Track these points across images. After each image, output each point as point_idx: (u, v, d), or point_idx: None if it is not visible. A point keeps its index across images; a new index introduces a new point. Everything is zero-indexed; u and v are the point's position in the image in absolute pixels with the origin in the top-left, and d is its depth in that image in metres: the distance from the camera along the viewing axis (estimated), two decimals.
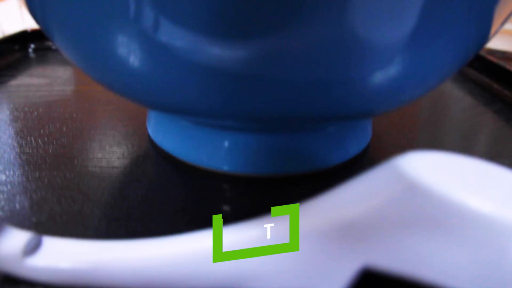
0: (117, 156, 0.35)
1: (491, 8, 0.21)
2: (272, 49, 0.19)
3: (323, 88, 0.22)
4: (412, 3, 0.18)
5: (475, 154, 0.38)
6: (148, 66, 0.21)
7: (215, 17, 0.17)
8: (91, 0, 0.18)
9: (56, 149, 0.36)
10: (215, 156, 0.32)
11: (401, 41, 0.20)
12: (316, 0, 0.17)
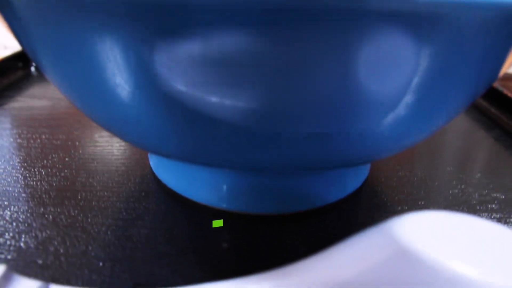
0: (120, 191, 0.36)
1: (502, 58, 0.21)
2: (271, 108, 0.20)
3: (327, 142, 0.23)
4: (420, 61, 0.18)
5: (472, 186, 0.39)
6: (147, 117, 0.22)
7: (214, 80, 0.18)
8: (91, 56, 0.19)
9: (59, 181, 0.37)
10: (216, 194, 0.33)
11: (406, 97, 0.20)
12: (320, 59, 0.17)
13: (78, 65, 0.20)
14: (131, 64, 0.18)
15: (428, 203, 0.36)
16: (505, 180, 0.40)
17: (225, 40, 0.16)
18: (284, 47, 0.16)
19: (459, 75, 0.20)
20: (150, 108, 0.21)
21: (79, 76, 0.21)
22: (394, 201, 0.36)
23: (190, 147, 0.23)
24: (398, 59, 0.17)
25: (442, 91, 0.21)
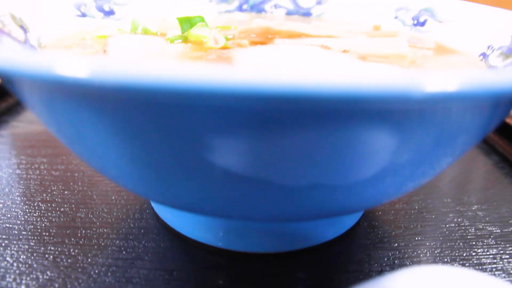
0: (120, 227, 0.37)
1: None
2: (273, 176, 0.21)
3: (326, 203, 0.24)
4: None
5: (468, 219, 0.40)
6: (158, 179, 0.23)
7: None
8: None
9: (59, 217, 0.38)
10: (214, 233, 0.34)
11: (400, 164, 0.22)
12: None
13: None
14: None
15: (425, 238, 0.37)
16: (502, 211, 0.41)
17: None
18: (288, 138, 0.17)
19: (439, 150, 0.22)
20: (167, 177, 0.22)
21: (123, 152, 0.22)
22: (391, 237, 0.37)
23: (191, 202, 0.25)
24: (382, 143, 0.19)
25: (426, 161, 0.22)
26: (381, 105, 0.16)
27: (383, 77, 0.15)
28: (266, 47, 0.37)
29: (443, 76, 0.15)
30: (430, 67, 0.37)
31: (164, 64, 0.15)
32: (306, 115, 0.17)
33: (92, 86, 0.16)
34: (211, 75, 0.14)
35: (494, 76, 0.16)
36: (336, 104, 0.16)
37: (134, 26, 0.41)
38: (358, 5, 0.54)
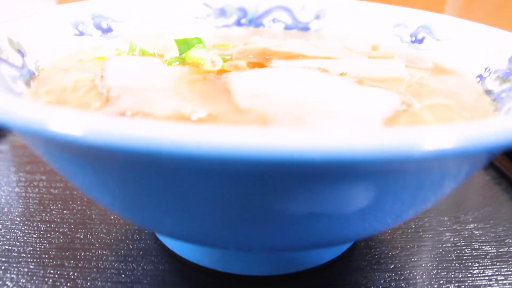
0: (119, 248, 0.38)
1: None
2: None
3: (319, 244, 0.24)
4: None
5: (464, 238, 0.40)
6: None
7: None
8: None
9: (58, 238, 0.39)
10: (211, 257, 0.35)
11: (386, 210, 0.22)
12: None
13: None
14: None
15: (421, 259, 0.38)
16: (498, 229, 0.42)
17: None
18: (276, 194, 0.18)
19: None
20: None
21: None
22: (388, 258, 0.38)
23: (191, 238, 0.25)
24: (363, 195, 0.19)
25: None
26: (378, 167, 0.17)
27: (380, 142, 0.15)
28: (264, 71, 0.37)
29: (438, 139, 0.16)
30: (427, 92, 0.37)
31: (159, 127, 0.15)
32: (300, 177, 0.17)
33: (85, 145, 0.16)
34: (195, 143, 0.15)
35: (489, 130, 0.16)
36: (335, 168, 0.17)
37: (131, 47, 0.42)
38: (356, 20, 0.54)
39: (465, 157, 0.19)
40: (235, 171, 0.17)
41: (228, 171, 0.17)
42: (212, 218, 0.21)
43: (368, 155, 0.15)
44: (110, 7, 0.49)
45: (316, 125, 0.28)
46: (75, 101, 0.33)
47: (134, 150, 0.15)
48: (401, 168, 0.18)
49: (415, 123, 0.31)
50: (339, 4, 0.56)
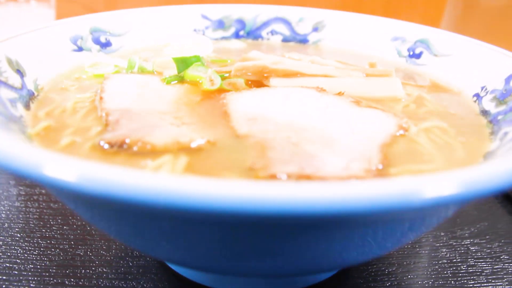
0: (118, 266, 0.38)
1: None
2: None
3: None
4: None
5: (460, 254, 0.41)
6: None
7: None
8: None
9: (59, 255, 0.39)
10: (215, 277, 0.35)
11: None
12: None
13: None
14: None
15: (417, 276, 0.38)
16: (493, 245, 0.42)
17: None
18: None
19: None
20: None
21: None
22: (384, 275, 0.39)
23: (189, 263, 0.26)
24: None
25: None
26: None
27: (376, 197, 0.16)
28: (262, 91, 0.38)
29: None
30: (424, 113, 0.37)
31: (152, 179, 0.16)
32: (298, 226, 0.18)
33: (78, 192, 0.17)
34: (187, 195, 0.15)
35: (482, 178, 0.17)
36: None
37: (130, 64, 0.42)
38: (354, 33, 0.54)
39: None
40: (230, 222, 0.17)
41: (223, 222, 0.17)
42: (212, 254, 0.22)
43: (360, 211, 0.15)
44: (109, 20, 0.49)
45: (314, 155, 0.28)
46: (75, 124, 0.33)
47: (127, 200, 0.16)
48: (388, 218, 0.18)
49: (412, 149, 0.31)
50: (337, 17, 0.56)
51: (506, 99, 0.37)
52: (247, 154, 0.30)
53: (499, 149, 0.30)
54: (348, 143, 0.30)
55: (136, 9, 0.53)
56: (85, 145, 0.30)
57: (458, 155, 0.31)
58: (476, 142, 0.33)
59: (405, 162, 0.30)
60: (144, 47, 0.51)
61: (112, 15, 0.50)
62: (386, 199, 0.15)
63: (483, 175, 0.17)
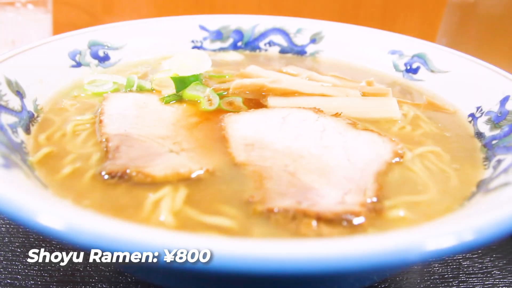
0: (118, 281, 0.39)
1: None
2: None
3: None
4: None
5: (452, 270, 0.42)
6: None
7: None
8: None
9: (59, 271, 0.40)
10: None
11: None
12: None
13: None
14: None
15: None
16: (485, 261, 0.43)
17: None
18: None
19: None
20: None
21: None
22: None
23: None
24: None
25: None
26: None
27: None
28: (259, 114, 0.38)
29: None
30: (419, 136, 0.38)
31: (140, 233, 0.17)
32: None
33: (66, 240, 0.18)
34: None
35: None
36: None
37: (129, 83, 0.42)
38: (352, 46, 0.54)
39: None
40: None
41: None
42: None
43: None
44: (107, 33, 0.50)
45: (310, 187, 0.29)
46: (75, 150, 0.34)
47: (115, 250, 0.17)
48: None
49: (406, 177, 0.32)
50: (335, 28, 0.56)
51: (500, 123, 0.37)
52: (245, 184, 0.30)
53: (492, 181, 0.31)
54: (344, 172, 0.31)
55: (134, 21, 0.53)
56: (86, 174, 0.31)
57: (452, 184, 0.32)
58: (470, 169, 0.34)
59: (399, 193, 0.31)
60: (143, 60, 0.51)
61: (111, 28, 0.50)
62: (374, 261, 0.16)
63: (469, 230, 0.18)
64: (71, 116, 0.38)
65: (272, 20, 0.57)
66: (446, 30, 0.67)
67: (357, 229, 0.28)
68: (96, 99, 0.42)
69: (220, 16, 0.57)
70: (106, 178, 0.30)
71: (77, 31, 0.48)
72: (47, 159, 0.33)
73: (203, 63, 0.44)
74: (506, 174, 0.30)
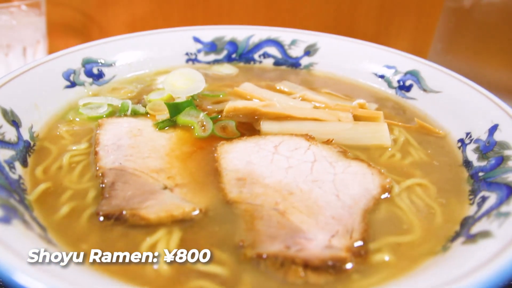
0: None
1: None
2: None
3: None
4: None
5: None
6: None
7: None
8: None
9: None
10: None
11: None
12: None
13: None
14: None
15: None
16: None
17: None
18: None
19: None
20: None
21: None
22: None
23: None
24: None
25: None
26: None
27: None
28: (252, 142, 0.39)
29: None
30: (408, 166, 0.39)
31: None
32: None
33: None
34: None
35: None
36: None
37: (123, 108, 0.43)
38: (347, 60, 0.54)
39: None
40: None
41: None
42: None
43: None
44: (100, 49, 0.50)
45: (299, 229, 0.30)
46: (72, 186, 0.35)
47: None
48: None
49: (392, 215, 0.33)
50: (330, 41, 0.56)
51: (488, 154, 0.38)
52: (237, 225, 0.32)
53: (475, 223, 0.31)
54: (332, 211, 0.32)
55: (127, 35, 0.52)
56: (83, 215, 0.32)
57: (437, 221, 0.33)
58: (455, 204, 0.35)
59: (385, 233, 0.32)
60: (137, 76, 0.52)
61: (104, 43, 0.50)
62: None
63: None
64: (67, 145, 0.39)
65: (266, 31, 0.57)
66: (441, 35, 0.67)
67: (342, 275, 0.29)
68: (92, 124, 0.42)
69: (214, 27, 0.56)
70: (102, 220, 0.31)
71: (71, 49, 0.47)
72: (45, 196, 0.34)
73: (197, 84, 0.44)
74: (488, 220, 0.31)
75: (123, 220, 0.31)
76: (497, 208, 0.31)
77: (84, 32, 0.80)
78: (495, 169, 0.36)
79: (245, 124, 0.43)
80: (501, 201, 0.32)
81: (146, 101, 0.46)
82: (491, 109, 0.41)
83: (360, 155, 0.40)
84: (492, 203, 0.33)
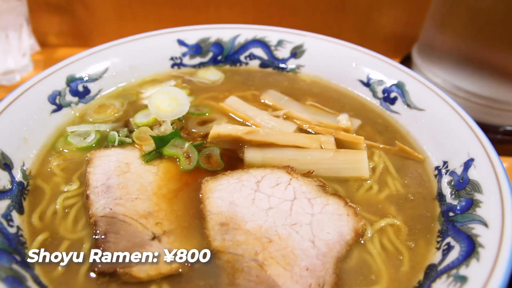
0: None
1: None
2: None
3: None
4: None
5: None
6: None
7: None
8: None
9: None
10: None
11: None
12: None
13: None
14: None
15: None
16: None
17: None
18: None
19: None
20: None
21: None
22: None
23: None
24: None
25: None
26: None
27: None
28: (235, 178, 0.41)
29: None
30: (384, 200, 0.41)
31: None
32: None
33: None
34: None
35: None
36: None
37: (110, 140, 0.44)
38: (333, 63, 0.53)
39: None
40: None
41: None
42: None
43: None
44: (84, 63, 0.49)
45: (274, 283, 0.34)
46: (67, 235, 0.38)
47: None
48: None
49: (363, 263, 0.36)
50: (316, 42, 0.54)
51: (460, 192, 0.40)
52: (219, 278, 0.35)
53: (436, 280, 0.34)
54: (307, 262, 0.36)
55: (110, 43, 0.51)
56: (80, 271, 0.35)
57: (403, 270, 0.37)
58: (423, 248, 0.38)
59: (353, 284, 0.35)
60: (123, 88, 0.52)
61: (87, 56, 0.50)
62: None
63: None
64: (60, 184, 0.41)
65: (252, 30, 0.55)
66: (433, 19, 0.64)
67: None
68: (81, 155, 0.44)
69: (198, 27, 0.55)
70: (98, 277, 0.35)
71: (54, 67, 0.47)
72: (44, 247, 0.37)
73: (181, 108, 0.45)
74: (447, 281, 0.33)
75: (117, 278, 0.35)
76: (457, 267, 0.34)
77: (68, 9, 0.77)
78: (464, 213, 0.39)
79: (229, 151, 0.44)
80: (462, 259, 0.35)
81: (132, 124, 0.47)
82: (470, 138, 0.42)
83: (339, 188, 0.43)
84: (454, 258, 0.35)
